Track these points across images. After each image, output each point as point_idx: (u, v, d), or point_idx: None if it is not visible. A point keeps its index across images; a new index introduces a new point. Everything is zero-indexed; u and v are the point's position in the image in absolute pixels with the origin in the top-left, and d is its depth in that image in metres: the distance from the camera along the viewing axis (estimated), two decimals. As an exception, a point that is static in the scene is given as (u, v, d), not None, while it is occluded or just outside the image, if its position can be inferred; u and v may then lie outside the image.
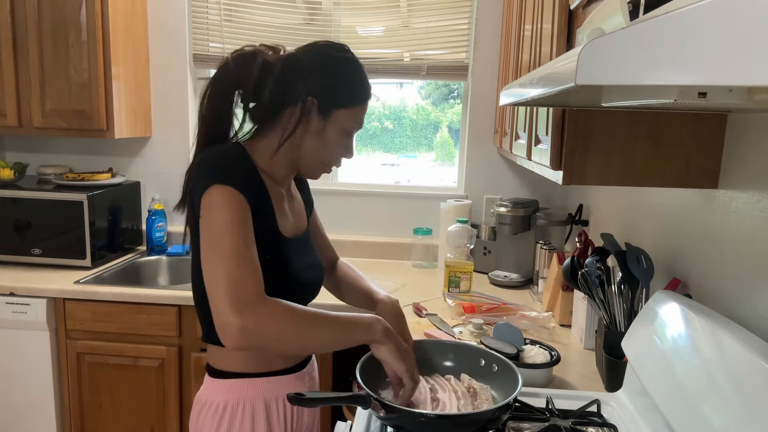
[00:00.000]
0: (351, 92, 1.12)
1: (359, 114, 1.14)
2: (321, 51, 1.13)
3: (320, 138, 1.12)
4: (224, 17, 2.62)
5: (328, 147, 1.14)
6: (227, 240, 0.96)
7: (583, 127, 1.14)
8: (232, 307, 0.91)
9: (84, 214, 2.29)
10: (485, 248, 2.48)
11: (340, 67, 1.13)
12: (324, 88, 1.10)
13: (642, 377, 1.11)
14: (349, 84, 1.12)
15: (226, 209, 0.98)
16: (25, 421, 2.20)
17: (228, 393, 1.12)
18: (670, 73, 0.42)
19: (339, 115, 1.11)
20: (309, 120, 1.10)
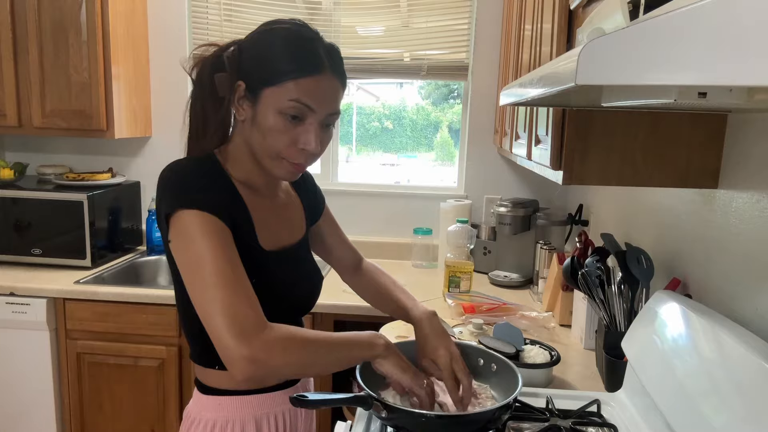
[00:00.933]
0: (276, 65, 0.95)
1: (294, 91, 0.94)
2: (257, 30, 1.02)
3: (257, 126, 0.98)
4: (224, 17, 2.62)
5: (268, 135, 0.97)
6: (211, 269, 0.88)
7: (583, 127, 1.14)
8: (236, 339, 0.85)
9: (84, 214, 2.29)
10: (485, 248, 2.48)
11: (266, 39, 0.99)
12: (249, 67, 0.98)
13: (642, 377, 1.11)
14: (272, 56, 0.96)
15: (202, 236, 0.90)
16: (25, 421, 2.20)
17: (217, 411, 1.05)
18: (670, 73, 0.42)
19: (267, 94, 0.95)
20: (242, 107, 0.99)
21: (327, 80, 0.97)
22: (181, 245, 0.92)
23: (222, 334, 0.86)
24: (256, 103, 0.97)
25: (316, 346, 0.94)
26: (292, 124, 0.96)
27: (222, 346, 0.86)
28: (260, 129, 0.97)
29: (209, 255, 0.89)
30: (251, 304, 0.90)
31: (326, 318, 2.06)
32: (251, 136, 1.00)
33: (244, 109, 0.99)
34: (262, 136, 0.97)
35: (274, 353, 0.88)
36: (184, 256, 0.92)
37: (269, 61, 0.96)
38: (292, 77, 0.94)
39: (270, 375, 0.94)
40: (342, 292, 2.14)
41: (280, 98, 0.95)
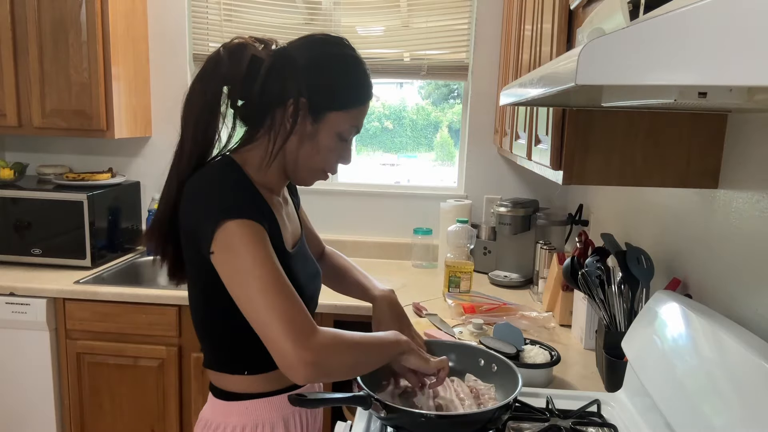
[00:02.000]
0: (347, 93, 1.01)
1: (357, 117, 1.03)
2: (315, 46, 1.02)
3: (312, 143, 1.02)
4: (224, 17, 2.62)
5: (322, 153, 1.03)
6: (263, 277, 0.89)
7: (583, 127, 1.14)
8: (296, 344, 0.86)
9: (84, 214, 2.28)
10: (485, 248, 2.48)
11: (336, 64, 1.02)
12: (316, 87, 0.99)
13: (642, 377, 1.11)
14: (344, 83, 1.02)
15: (251, 245, 0.91)
16: (25, 421, 2.20)
17: (245, 415, 1.05)
18: (670, 73, 0.42)
19: (333, 117, 1.01)
20: (300, 123, 1.00)
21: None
22: (227, 256, 0.91)
23: (281, 340, 0.87)
24: (318, 122, 1.01)
25: (359, 348, 0.97)
26: (342, 143, 1.05)
27: (281, 353, 0.87)
28: (316, 146, 1.02)
29: (260, 264, 0.90)
30: (301, 309, 0.91)
31: (326, 318, 2.06)
32: (299, 149, 1.03)
33: (300, 124, 1.00)
34: (316, 152, 1.03)
35: (330, 356, 0.90)
36: (232, 266, 0.91)
37: (339, 87, 1.02)
38: (357, 105, 1.03)
39: (326, 377, 0.94)
40: (342, 292, 2.14)
41: (343, 122, 1.02)
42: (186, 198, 0.97)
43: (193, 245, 0.97)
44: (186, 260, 1.04)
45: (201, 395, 2.11)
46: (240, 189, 0.98)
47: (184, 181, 1.01)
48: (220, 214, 0.92)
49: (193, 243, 0.97)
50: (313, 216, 2.77)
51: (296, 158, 1.04)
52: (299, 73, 0.99)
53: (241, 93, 1.02)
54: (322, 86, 1.00)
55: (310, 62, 1.00)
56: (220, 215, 0.91)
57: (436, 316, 1.85)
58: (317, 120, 1.01)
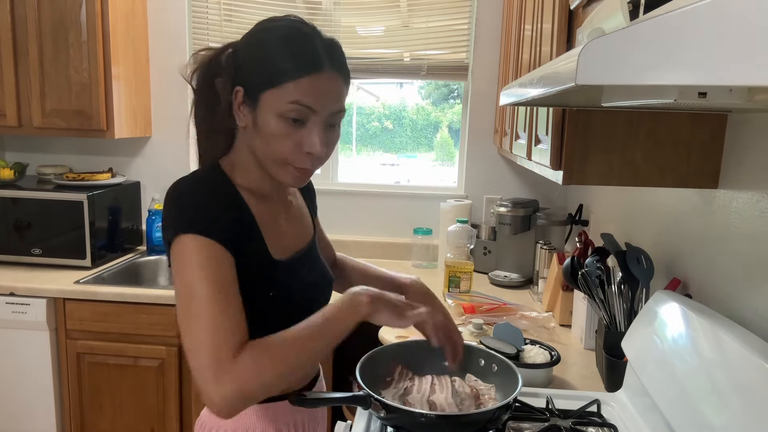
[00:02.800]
0: (275, 66, 0.91)
1: (298, 91, 0.90)
2: (251, 31, 0.96)
3: (259, 133, 0.94)
4: (224, 17, 2.62)
5: (270, 141, 0.93)
6: (201, 297, 0.85)
7: (583, 127, 1.14)
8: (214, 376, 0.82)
9: (84, 214, 2.28)
10: (485, 248, 2.48)
11: (263, 40, 0.94)
12: (246, 70, 0.94)
13: (642, 377, 1.11)
14: (270, 57, 0.91)
15: (195, 264, 0.87)
16: (25, 421, 2.20)
17: (237, 421, 1.03)
18: (670, 73, 0.42)
19: (267, 98, 0.91)
20: (245, 115, 0.95)
21: (328, 78, 0.93)
22: (176, 272, 0.88)
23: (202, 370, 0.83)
24: (256, 108, 0.93)
25: (295, 348, 0.88)
26: (294, 127, 0.92)
27: (199, 381, 0.83)
28: (262, 135, 0.93)
29: (199, 286, 0.86)
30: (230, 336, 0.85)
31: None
32: (254, 143, 0.96)
33: (245, 115, 0.95)
34: (265, 142, 0.94)
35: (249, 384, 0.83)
36: (178, 283, 0.88)
37: (265, 62, 0.91)
38: (291, 78, 0.90)
39: (252, 402, 0.88)
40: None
41: (280, 101, 0.90)
42: (163, 207, 0.95)
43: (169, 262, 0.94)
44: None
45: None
46: (211, 200, 0.93)
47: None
48: (178, 227, 0.89)
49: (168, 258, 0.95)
50: (313, 216, 2.69)
51: (258, 155, 0.97)
52: (236, 63, 0.95)
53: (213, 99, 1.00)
54: (249, 67, 0.93)
55: (240, 48, 0.96)
56: (177, 228, 0.89)
57: (436, 316, 1.84)
58: (255, 106, 0.93)
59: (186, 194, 0.93)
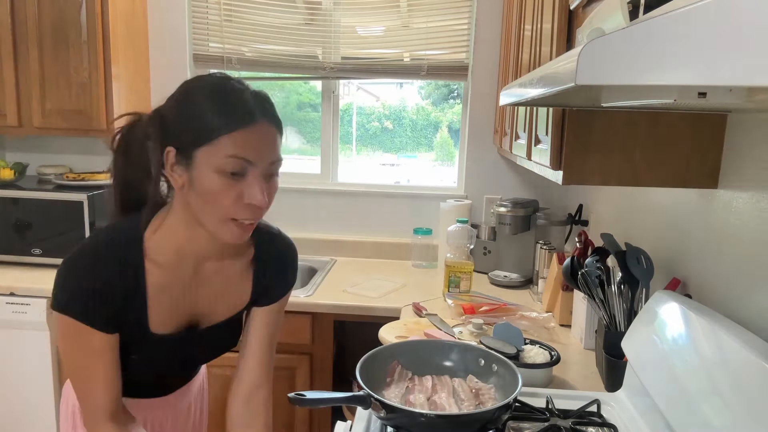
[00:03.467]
0: (204, 123, 0.89)
1: (229, 146, 0.88)
2: (178, 90, 0.97)
3: (194, 191, 0.92)
4: (224, 17, 2.62)
5: (208, 198, 0.90)
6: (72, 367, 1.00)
7: (583, 127, 1.14)
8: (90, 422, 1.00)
9: (84, 214, 2.28)
10: (485, 248, 2.48)
11: (191, 97, 0.93)
12: (176, 130, 0.92)
13: (642, 377, 1.11)
14: (200, 114, 0.90)
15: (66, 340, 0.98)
16: (25, 421, 2.20)
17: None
18: (670, 73, 0.42)
19: (202, 155, 0.89)
20: (176, 174, 0.93)
21: (261, 129, 0.92)
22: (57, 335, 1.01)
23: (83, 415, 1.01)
24: (191, 166, 0.91)
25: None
26: (233, 181, 0.90)
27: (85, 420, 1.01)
28: (199, 193, 0.91)
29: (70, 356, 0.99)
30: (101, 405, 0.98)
31: (326, 318, 2.06)
32: (191, 202, 0.93)
33: (179, 175, 0.92)
34: (203, 200, 0.91)
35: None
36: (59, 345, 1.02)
37: (197, 119, 0.90)
38: (224, 132, 0.88)
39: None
40: (342, 292, 2.15)
41: (216, 156, 0.88)
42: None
43: None
44: None
45: (201, 395, 2.11)
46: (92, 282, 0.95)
47: None
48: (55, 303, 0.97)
49: None
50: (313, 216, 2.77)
51: (196, 214, 0.95)
52: (163, 126, 0.94)
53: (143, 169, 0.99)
54: (180, 126, 0.92)
55: (170, 109, 0.95)
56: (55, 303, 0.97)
57: (436, 316, 1.85)
58: (189, 164, 0.91)
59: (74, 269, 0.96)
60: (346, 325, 2.33)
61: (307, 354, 2.07)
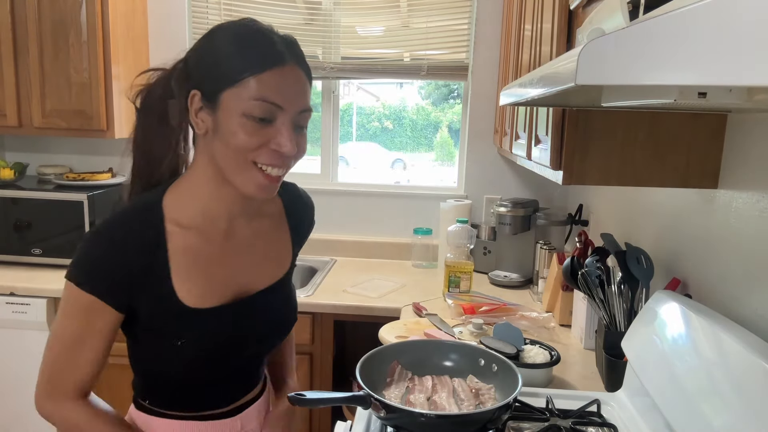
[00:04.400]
0: (230, 63, 0.85)
1: (256, 88, 0.84)
2: (202, 37, 0.91)
3: (219, 135, 0.87)
4: (224, 17, 2.62)
5: (233, 142, 0.86)
6: (62, 335, 0.91)
7: (583, 127, 1.14)
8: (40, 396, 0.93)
9: (84, 214, 2.28)
10: (485, 248, 2.48)
11: (216, 40, 0.89)
12: (201, 73, 0.88)
13: (642, 377, 1.11)
14: (227, 55, 0.86)
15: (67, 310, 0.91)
16: (25, 421, 2.20)
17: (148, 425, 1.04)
18: (670, 73, 0.42)
19: (228, 97, 0.85)
20: (200, 120, 0.89)
21: (291, 72, 0.86)
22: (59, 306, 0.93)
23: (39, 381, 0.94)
24: (216, 109, 0.86)
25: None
26: (260, 126, 0.86)
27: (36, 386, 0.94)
28: (224, 137, 0.86)
29: (66, 325, 0.91)
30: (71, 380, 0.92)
31: (326, 318, 2.06)
32: (215, 149, 0.89)
33: (203, 120, 0.88)
34: (227, 146, 0.87)
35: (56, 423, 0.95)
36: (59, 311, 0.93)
37: (222, 60, 0.86)
38: (252, 73, 0.84)
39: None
40: (342, 292, 2.15)
41: (242, 99, 0.84)
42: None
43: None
44: None
45: (201, 395, 2.11)
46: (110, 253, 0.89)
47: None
48: (69, 273, 0.90)
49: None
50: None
51: (220, 164, 0.90)
52: (188, 70, 0.90)
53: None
54: (205, 68, 0.88)
55: (195, 53, 0.91)
56: (68, 273, 0.90)
57: (436, 316, 1.85)
58: (214, 108, 0.87)
59: (92, 243, 0.90)
60: (346, 325, 2.33)
61: (307, 354, 2.07)
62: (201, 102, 0.88)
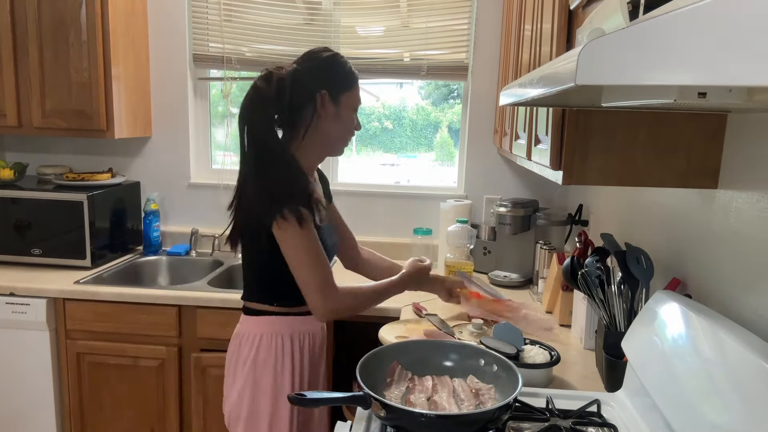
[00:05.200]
0: (347, 77, 1.45)
1: (357, 94, 1.48)
2: (314, 56, 1.45)
3: (338, 119, 1.45)
4: (224, 17, 2.62)
5: (345, 124, 1.47)
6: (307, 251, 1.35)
7: (583, 127, 1.14)
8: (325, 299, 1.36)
9: (84, 214, 2.29)
10: (485, 248, 2.48)
11: (332, 62, 1.45)
12: (328, 80, 1.42)
13: (642, 377, 1.11)
14: (343, 72, 1.45)
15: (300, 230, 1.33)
16: (25, 421, 2.20)
17: (264, 326, 1.45)
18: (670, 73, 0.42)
19: (346, 97, 1.44)
20: (325, 108, 1.42)
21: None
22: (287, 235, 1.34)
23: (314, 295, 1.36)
24: (338, 104, 1.44)
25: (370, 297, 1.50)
26: (355, 115, 1.50)
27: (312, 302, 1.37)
28: (341, 121, 1.46)
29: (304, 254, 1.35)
30: (330, 275, 1.38)
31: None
32: (329, 127, 1.45)
33: (326, 110, 1.42)
34: (341, 125, 1.46)
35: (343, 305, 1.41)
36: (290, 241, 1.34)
37: (342, 74, 1.45)
38: (354, 85, 1.47)
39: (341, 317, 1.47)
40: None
41: (352, 100, 1.47)
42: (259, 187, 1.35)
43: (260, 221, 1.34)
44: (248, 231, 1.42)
45: (201, 395, 2.11)
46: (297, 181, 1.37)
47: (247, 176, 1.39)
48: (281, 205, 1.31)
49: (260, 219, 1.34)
50: (313, 216, 2.65)
51: (331, 135, 1.46)
52: (315, 76, 1.42)
53: (275, 107, 1.39)
54: (332, 79, 1.43)
55: (318, 67, 1.43)
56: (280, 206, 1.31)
57: (436, 316, 1.84)
58: (337, 102, 1.44)
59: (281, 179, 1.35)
60: (346, 325, 2.32)
61: (307, 354, 2.07)
62: (328, 98, 1.42)
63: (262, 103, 1.37)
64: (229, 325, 2.12)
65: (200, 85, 2.75)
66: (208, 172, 2.79)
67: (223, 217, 2.73)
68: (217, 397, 2.10)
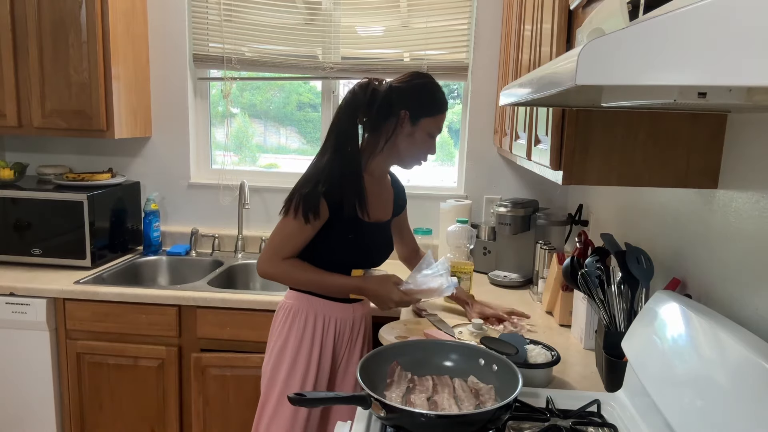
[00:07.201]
0: (432, 105, 1.56)
1: (439, 121, 1.58)
2: (412, 78, 1.57)
3: (411, 139, 1.57)
4: (224, 17, 2.62)
5: (417, 145, 1.58)
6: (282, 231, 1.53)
7: (583, 127, 1.14)
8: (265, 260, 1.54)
9: (84, 214, 2.29)
10: (485, 248, 2.48)
11: (424, 88, 1.57)
12: (412, 103, 1.54)
13: (642, 377, 1.11)
14: (430, 100, 1.57)
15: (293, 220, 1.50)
16: (25, 421, 2.20)
17: (298, 301, 1.60)
18: (670, 73, 0.42)
19: (425, 122, 1.55)
20: (403, 127, 1.55)
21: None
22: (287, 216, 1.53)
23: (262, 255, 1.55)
24: (416, 126, 1.56)
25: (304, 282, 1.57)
26: (430, 140, 1.59)
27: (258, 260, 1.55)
28: (415, 142, 1.58)
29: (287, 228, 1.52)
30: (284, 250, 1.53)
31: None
32: (403, 144, 1.57)
33: (403, 128, 1.55)
34: (413, 145, 1.58)
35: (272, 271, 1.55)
36: (283, 220, 1.53)
37: (427, 100, 1.56)
38: (438, 113, 1.57)
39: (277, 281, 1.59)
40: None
41: (432, 126, 1.57)
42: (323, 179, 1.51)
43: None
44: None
45: (201, 395, 2.11)
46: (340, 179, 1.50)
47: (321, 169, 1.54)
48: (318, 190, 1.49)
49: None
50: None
51: (402, 150, 1.59)
52: (402, 96, 1.54)
53: (365, 113, 1.54)
54: (417, 102, 1.55)
55: (407, 89, 1.55)
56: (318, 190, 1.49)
57: (436, 316, 1.85)
58: (415, 124, 1.56)
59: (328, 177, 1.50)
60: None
61: (307, 354, 2.07)
62: (408, 118, 1.55)
63: (354, 105, 1.53)
64: (229, 325, 2.12)
65: (200, 85, 2.75)
66: (208, 172, 2.79)
67: (223, 216, 2.74)
68: (218, 397, 2.10)
